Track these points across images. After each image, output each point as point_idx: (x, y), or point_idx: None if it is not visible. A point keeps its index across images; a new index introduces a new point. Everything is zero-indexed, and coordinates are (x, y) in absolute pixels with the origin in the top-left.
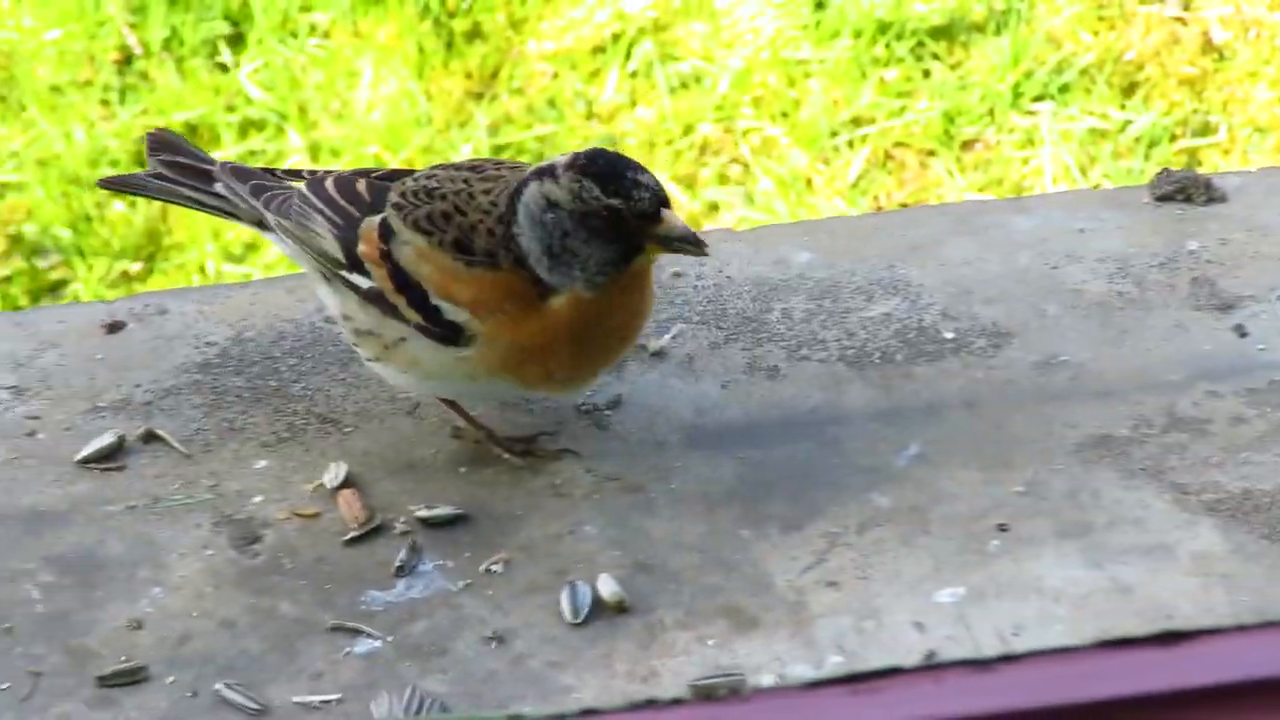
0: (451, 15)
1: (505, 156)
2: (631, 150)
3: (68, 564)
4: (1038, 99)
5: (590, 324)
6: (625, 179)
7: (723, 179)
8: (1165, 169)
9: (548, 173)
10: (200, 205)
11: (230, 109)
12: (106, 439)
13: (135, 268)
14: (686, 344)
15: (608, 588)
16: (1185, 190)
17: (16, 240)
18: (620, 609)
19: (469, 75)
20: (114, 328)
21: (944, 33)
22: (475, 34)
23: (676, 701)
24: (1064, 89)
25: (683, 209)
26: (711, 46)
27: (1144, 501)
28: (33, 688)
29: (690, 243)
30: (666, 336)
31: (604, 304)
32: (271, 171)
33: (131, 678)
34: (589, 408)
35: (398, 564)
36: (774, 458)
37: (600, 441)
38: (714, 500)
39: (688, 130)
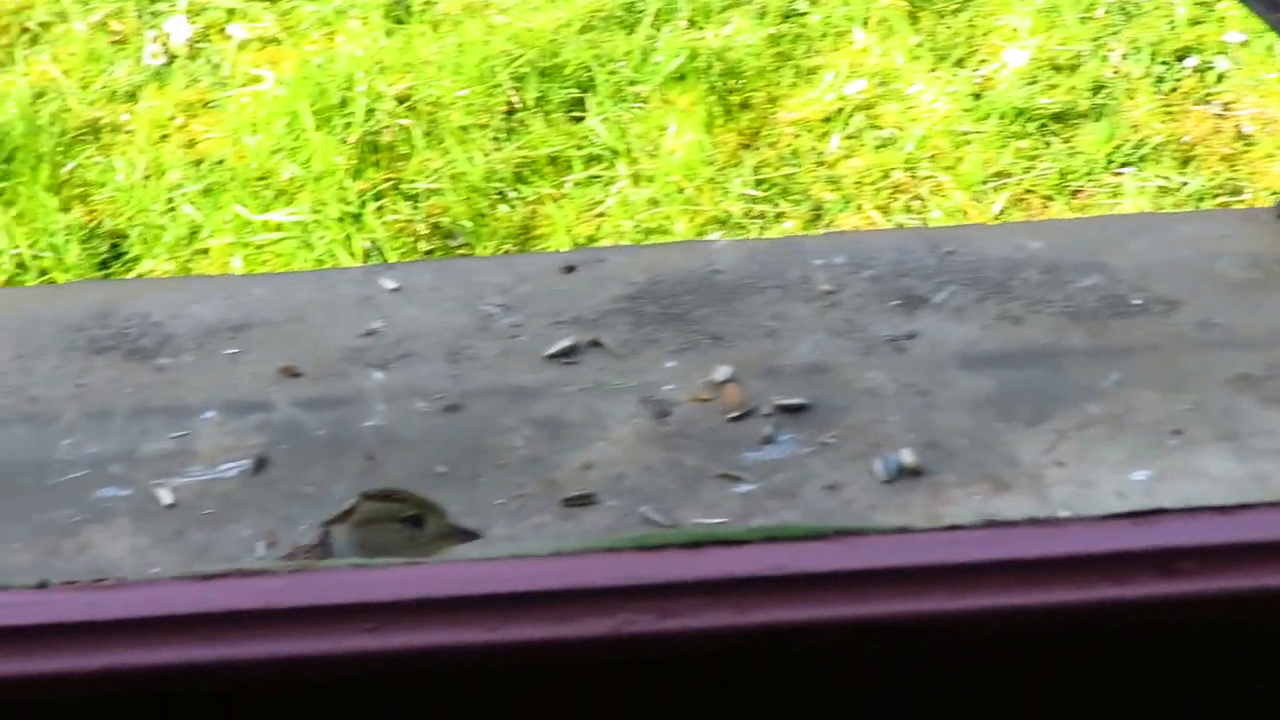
0: (730, 92)
1: (760, 190)
2: (845, 187)
3: (540, 424)
4: (1123, 165)
5: None
6: None
7: (907, 209)
8: None
9: None
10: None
11: (579, 147)
12: (565, 342)
13: (513, 248)
14: (955, 300)
15: (908, 458)
16: None
17: (436, 227)
18: (916, 473)
19: (740, 132)
20: (569, 269)
21: (1060, 118)
22: (745, 105)
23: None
24: (1141, 159)
25: (879, 225)
26: (903, 120)
27: (1274, 419)
28: (520, 505)
29: None
30: (942, 294)
31: None
32: None
33: (585, 501)
34: (890, 337)
35: (764, 435)
36: (1019, 377)
37: (899, 361)
38: (978, 403)
39: (885, 175)
